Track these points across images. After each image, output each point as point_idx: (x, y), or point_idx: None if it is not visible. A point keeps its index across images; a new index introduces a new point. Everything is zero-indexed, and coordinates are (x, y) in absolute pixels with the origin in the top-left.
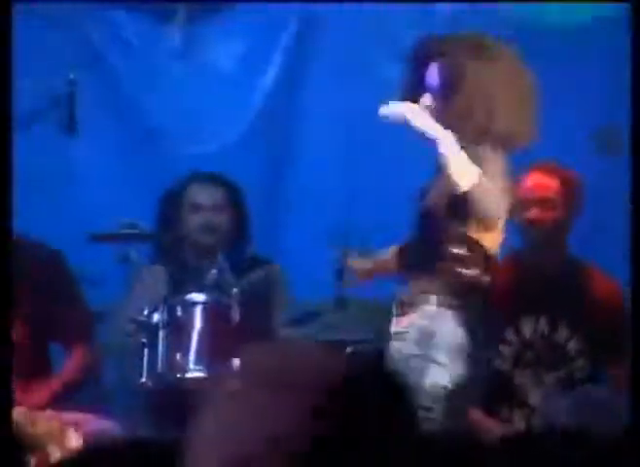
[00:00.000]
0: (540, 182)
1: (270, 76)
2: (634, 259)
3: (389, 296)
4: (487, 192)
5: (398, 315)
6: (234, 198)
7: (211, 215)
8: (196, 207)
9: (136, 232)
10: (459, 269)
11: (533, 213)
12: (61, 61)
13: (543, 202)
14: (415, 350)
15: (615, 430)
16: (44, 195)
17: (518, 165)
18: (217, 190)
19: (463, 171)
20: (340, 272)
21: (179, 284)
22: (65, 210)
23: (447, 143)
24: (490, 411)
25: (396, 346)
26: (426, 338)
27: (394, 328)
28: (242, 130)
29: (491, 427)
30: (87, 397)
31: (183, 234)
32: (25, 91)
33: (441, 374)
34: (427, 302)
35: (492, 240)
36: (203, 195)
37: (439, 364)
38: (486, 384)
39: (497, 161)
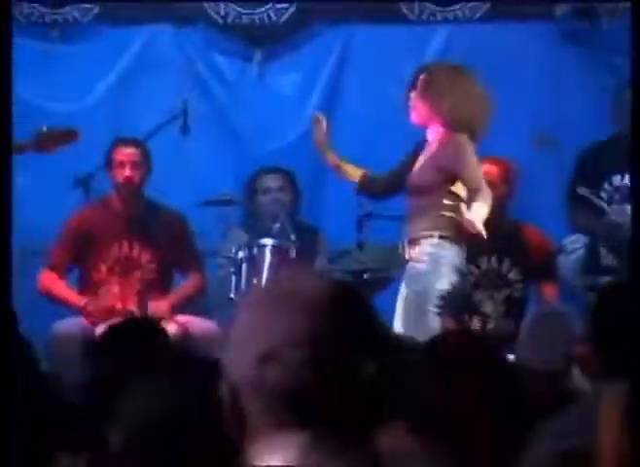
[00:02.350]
0: (486, 169)
1: (316, 97)
2: (634, 258)
3: (394, 240)
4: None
5: (410, 247)
6: (292, 182)
7: (277, 194)
8: (267, 189)
9: (230, 198)
10: (449, 214)
11: None
12: (179, 87)
13: (489, 183)
14: (427, 268)
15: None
16: (170, 176)
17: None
18: (280, 177)
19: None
20: (360, 226)
21: (255, 233)
22: (184, 185)
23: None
24: (457, 317)
25: (412, 266)
26: (434, 259)
27: (409, 255)
28: (299, 133)
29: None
30: (197, 307)
31: (259, 206)
32: (153, 108)
33: (444, 283)
34: (430, 237)
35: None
36: (272, 181)
37: (443, 277)
38: (462, 296)
39: (472, 146)
